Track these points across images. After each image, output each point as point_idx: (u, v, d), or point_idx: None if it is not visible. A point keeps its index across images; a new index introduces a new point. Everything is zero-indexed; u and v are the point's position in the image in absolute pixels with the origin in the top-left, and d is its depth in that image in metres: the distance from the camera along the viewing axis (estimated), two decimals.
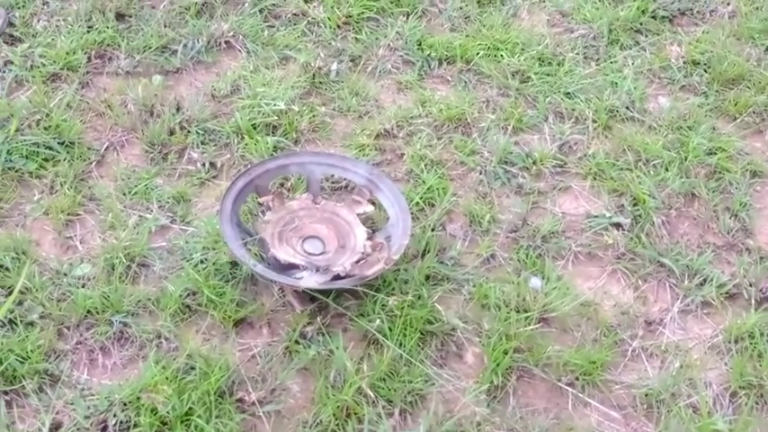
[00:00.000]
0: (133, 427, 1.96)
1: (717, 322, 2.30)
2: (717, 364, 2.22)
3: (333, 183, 2.48)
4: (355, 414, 2.02)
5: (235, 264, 2.24)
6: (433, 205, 2.46)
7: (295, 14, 2.99)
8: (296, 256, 2.22)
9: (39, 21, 2.87)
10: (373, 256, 2.21)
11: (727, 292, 2.34)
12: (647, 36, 3.03)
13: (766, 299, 2.33)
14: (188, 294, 2.21)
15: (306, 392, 2.07)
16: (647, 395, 2.13)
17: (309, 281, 2.15)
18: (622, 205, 2.50)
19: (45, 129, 2.53)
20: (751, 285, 2.35)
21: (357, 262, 2.21)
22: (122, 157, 2.54)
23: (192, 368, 2.06)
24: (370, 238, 2.28)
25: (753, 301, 2.32)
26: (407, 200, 2.36)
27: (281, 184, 2.45)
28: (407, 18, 3.00)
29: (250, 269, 2.15)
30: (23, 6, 2.90)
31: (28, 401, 2.00)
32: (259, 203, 2.34)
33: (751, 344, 2.23)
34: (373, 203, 2.35)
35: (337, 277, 2.17)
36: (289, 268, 2.20)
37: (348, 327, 2.18)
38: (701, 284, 2.35)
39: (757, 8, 3.15)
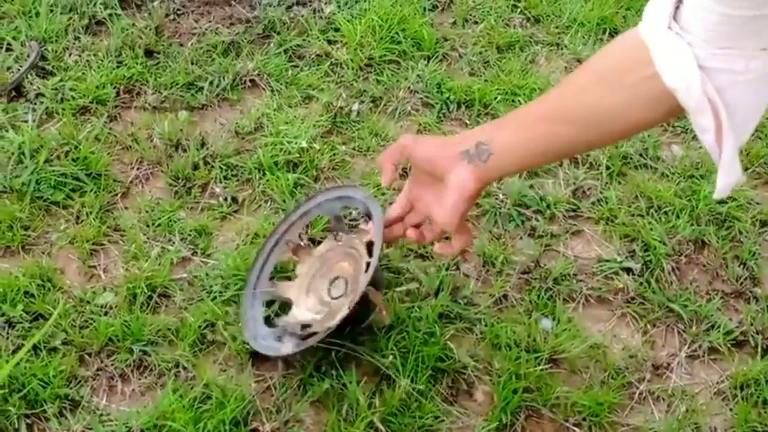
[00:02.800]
0: None
1: (723, 368, 2.34)
2: (722, 410, 2.26)
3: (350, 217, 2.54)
4: None
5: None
6: None
7: (319, 55, 3.07)
8: (312, 310, 2.22)
9: (70, 55, 2.95)
10: (336, 303, 2.21)
11: (734, 339, 2.39)
12: None
13: None
14: (206, 325, 2.27)
15: (318, 425, 2.12)
16: None
17: (288, 346, 2.14)
18: (633, 251, 2.55)
19: (73, 160, 2.61)
20: (758, 333, 2.39)
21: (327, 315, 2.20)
22: (147, 190, 2.61)
23: (209, 397, 2.12)
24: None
25: (759, 349, 2.37)
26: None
27: (306, 232, 2.47)
28: (428, 62, 3.07)
29: (248, 344, 2.20)
30: (56, 41, 2.99)
31: (48, 425, 2.06)
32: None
33: (756, 391, 2.27)
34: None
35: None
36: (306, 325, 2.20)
37: (361, 362, 2.23)
38: (709, 330, 2.40)
39: None
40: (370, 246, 2.14)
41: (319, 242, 2.40)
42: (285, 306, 2.29)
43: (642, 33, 1.50)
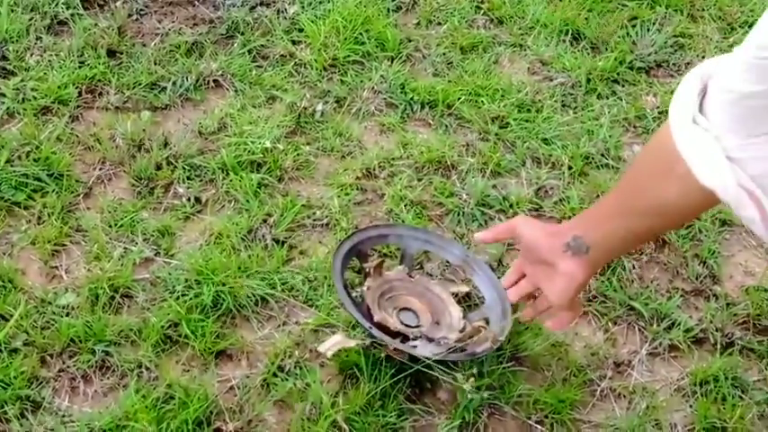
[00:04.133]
0: None
1: (683, 365, 2.37)
2: (682, 406, 2.29)
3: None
4: None
5: (216, 299, 2.30)
6: None
7: (283, 56, 3.07)
8: (398, 326, 2.23)
9: (32, 55, 2.93)
10: (482, 334, 2.23)
11: (694, 337, 2.42)
12: (623, 86, 3.12)
13: (731, 344, 2.40)
14: (170, 326, 2.27)
15: (282, 424, 2.12)
16: None
17: (425, 350, 2.17)
18: None
19: (35, 161, 2.59)
20: (717, 330, 2.42)
21: (459, 340, 2.23)
22: (109, 190, 2.60)
23: (172, 398, 2.12)
24: (465, 317, 2.30)
25: (718, 346, 2.40)
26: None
27: (380, 253, 2.46)
28: (392, 62, 3.08)
29: (367, 331, 2.15)
30: (17, 41, 2.97)
31: (9, 426, 2.05)
32: (360, 270, 2.35)
33: (715, 387, 2.30)
34: (468, 286, 2.40)
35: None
36: (393, 335, 2.20)
37: (325, 362, 2.24)
38: (669, 328, 2.42)
39: None
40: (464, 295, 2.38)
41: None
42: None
43: (671, 129, 1.51)
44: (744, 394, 2.31)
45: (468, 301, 2.40)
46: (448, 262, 2.45)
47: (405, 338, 2.21)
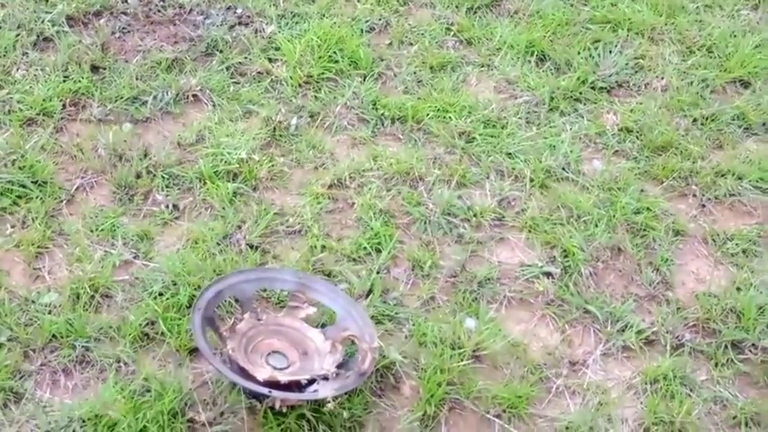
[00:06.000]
0: None
1: (635, 365, 2.49)
2: (633, 403, 2.41)
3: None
4: None
5: (192, 299, 2.41)
6: (379, 251, 2.65)
7: (259, 72, 3.21)
8: (286, 377, 2.24)
9: (18, 69, 3.06)
10: (360, 348, 2.29)
11: (646, 338, 2.55)
12: (585, 104, 3.26)
13: (681, 345, 2.53)
14: (147, 323, 2.38)
15: (253, 416, 2.23)
16: (567, 428, 2.32)
17: (326, 390, 2.21)
18: (554, 256, 2.71)
19: (20, 168, 2.71)
20: (668, 333, 2.55)
21: (341, 364, 2.29)
22: (91, 197, 2.71)
23: (148, 390, 2.23)
24: (327, 337, 2.35)
25: (668, 347, 2.52)
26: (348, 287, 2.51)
27: (227, 310, 2.47)
28: (364, 80, 3.22)
29: (275, 396, 2.18)
30: (3, 56, 3.10)
31: None
32: (219, 335, 2.33)
33: (665, 385, 2.43)
34: (313, 305, 2.42)
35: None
36: (287, 387, 2.22)
37: None
38: (623, 330, 2.55)
39: (690, 83, 3.40)
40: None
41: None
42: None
43: None
44: (692, 392, 2.43)
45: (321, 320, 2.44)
46: (284, 290, 2.48)
47: (298, 384, 2.23)
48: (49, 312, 2.38)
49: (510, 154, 3.01)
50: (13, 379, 2.23)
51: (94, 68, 3.12)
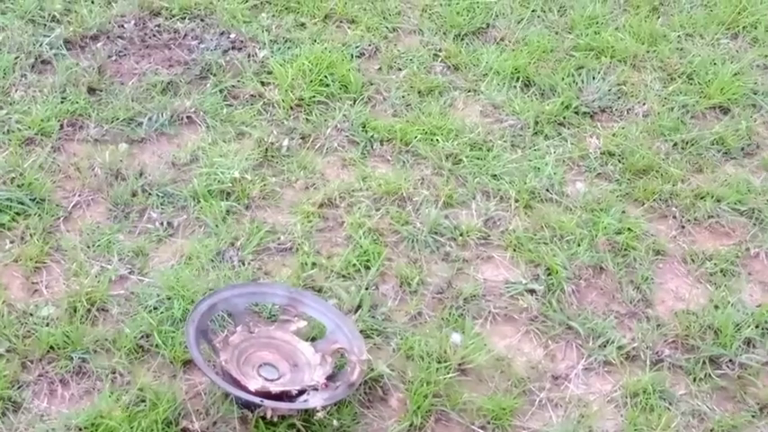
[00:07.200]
0: None
1: (616, 379, 2.57)
2: (614, 416, 2.49)
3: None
4: None
5: (186, 313, 2.48)
6: (368, 267, 2.73)
7: (252, 95, 3.29)
8: (277, 388, 2.31)
9: (17, 90, 3.14)
10: (349, 360, 2.37)
11: (626, 354, 2.63)
12: (569, 128, 3.36)
13: (660, 360, 2.61)
14: (142, 336, 2.45)
15: (244, 425, 2.30)
16: None
17: (316, 400, 2.28)
18: (537, 274, 2.79)
19: (18, 186, 2.79)
20: (648, 348, 2.63)
21: (331, 377, 2.35)
22: (88, 214, 2.79)
23: (143, 400, 2.30)
24: (316, 350, 2.42)
25: (648, 363, 2.60)
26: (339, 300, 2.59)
27: (219, 324, 2.52)
28: (354, 103, 3.31)
29: (266, 405, 2.25)
30: (3, 77, 3.17)
31: None
32: (212, 347, 2.38)
33: (644, 398, 2.51)
34: (304, 319, 2.48)
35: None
36: (278, 397, 2.29)
37: None
38: (604, 346, 2.63)
39: (671, 109, 3.50)
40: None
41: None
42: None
43: None
44: (670, 406, 2.51)
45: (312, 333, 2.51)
46: (275, 304, 2.55)
47: (289, 395, 2.30)
48: (47, 325, 2.44)
49: (495, 176, 3.10)
50: (12, 389, 2.30)
51: (91, 90, 3.20)
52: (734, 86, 3.59)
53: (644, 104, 3.51)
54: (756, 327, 2.72)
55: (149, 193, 2.86)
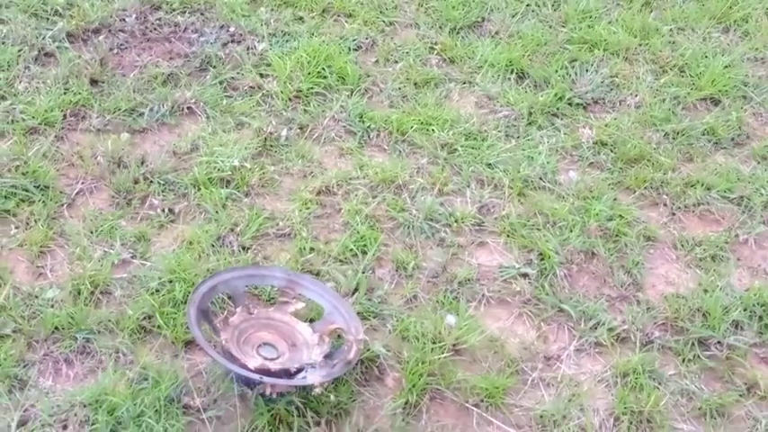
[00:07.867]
0: (91, 425, 2.25)
1: (607, 360, 2.64)
2: (604, 395, 2.55)
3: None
4: (287, 422, 2.32)
5: (187, 294, 2.54)
6: (365, 252, 2.79)
7: (251, 87, 3.36)
8: (277, 366, 2.36)
9: (20, 82, 3.20)
10: (347, 339, 2.42)
11: (617, 335, 2.69)
12: (562, 119, 3.42)
13: (650, 342, 2.67)
14: (144, 317, 2.51)
15: (245, 402, 2.37)
16: (541, 416, 2.46)
17: (314, 377, 2.34)
18: (530, 259, 2.85)
19: (23, 174, 2.85)
20: (638, 330, 2.70)
21: (328, 356, 2.41)
22: (91, 201, 2.85)
23: (146, 378, 2.36)
24: (314, 330, 2.48)
25: (638, 344, 2.67)
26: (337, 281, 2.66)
27: (220, 306, 2.59)
28: (351, 94, 3.38)
29: (265, 382, 2.30)
30: (7, 69, 3.24)
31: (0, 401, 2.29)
32: (212, 327, 2.45)
33: (634, 378, 2.57)
34: (302, 300, 2.55)
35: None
36: (278, 375, 2.35)
37: None
38: (595, 328, 2.70)
39: (662, 100, 3.56)
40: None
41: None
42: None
43: None
44: (660, 385, 2.57)
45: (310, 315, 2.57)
46: (274, 287, 2.61)
47: (288, 372, 2.36)
48: (52, 306, 2.51)
49: (490, 164, 3.17)
50: (18, 367, 2.36)
51: (93, 82, 3.26)
52: (725, 78, 3.65)
53: (636, 96, 3.57)
54: (744, 310, 2.78)
55: (151, 181, 2.92)
